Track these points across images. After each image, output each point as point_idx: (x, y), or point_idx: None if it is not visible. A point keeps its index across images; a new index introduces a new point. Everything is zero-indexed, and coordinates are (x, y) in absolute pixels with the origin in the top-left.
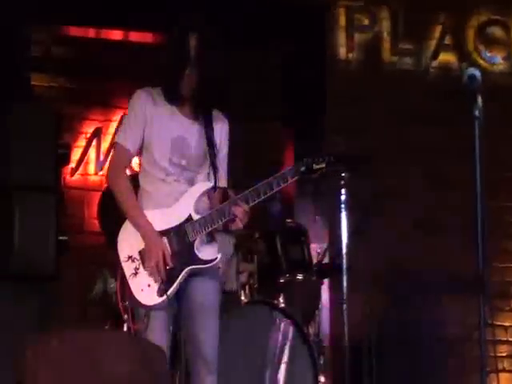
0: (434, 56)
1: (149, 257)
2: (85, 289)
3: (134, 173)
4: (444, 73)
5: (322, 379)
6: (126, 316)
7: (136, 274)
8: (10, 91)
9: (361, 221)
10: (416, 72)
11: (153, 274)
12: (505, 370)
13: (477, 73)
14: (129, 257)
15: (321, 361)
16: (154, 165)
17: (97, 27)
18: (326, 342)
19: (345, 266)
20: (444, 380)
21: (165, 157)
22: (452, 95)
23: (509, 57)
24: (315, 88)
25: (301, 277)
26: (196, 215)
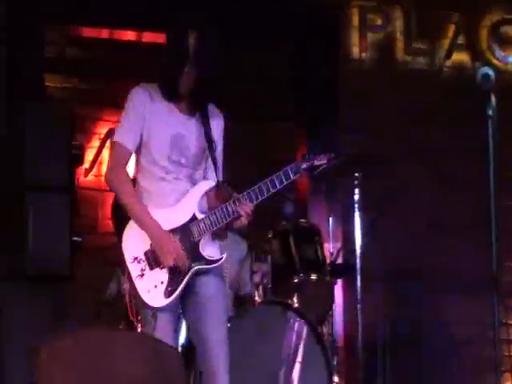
0: (448, 55)
1: (164, 256)
2: (98, 289)
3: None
4: (457, 72)
5: (336, 379)
6: (133, 317)
7: (142, 276)
8: (24, 92)
9: (374, 220)
10: (429, 72)
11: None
12: None
13: (490, 72)
14: (134, 258)
15: (334, 361)
16: (153, 163)
17: (110, 28)
18: (340, 342)
19: (358, 266)
20: (458, 380)
21: (164, 155)
22: (465, 95)
23: None
24: (328, 88)
25: (314, 277)
26: (200, 214)
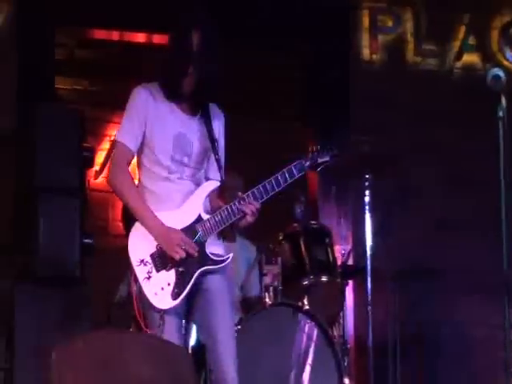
0: (458, 57)
1: (172, 250)
2: (109, 291)
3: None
4: (468, 73)
5: (347, 381)
6: (141, 320)
7: (149, 278)
8: (35, 94)
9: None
10: (440, 73)
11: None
12: None
13: (501, 73)
14: (141, 261)
15: (345, 362)
16: (156, 163)
17: (120, 30)
18: (351, 343)
19: (369, 267)
20: (468, 381)
21: (167, 154)
22: (476, 96)
23: None
24: (339, 88)
25: (325, 278)
26: (206, 215)
